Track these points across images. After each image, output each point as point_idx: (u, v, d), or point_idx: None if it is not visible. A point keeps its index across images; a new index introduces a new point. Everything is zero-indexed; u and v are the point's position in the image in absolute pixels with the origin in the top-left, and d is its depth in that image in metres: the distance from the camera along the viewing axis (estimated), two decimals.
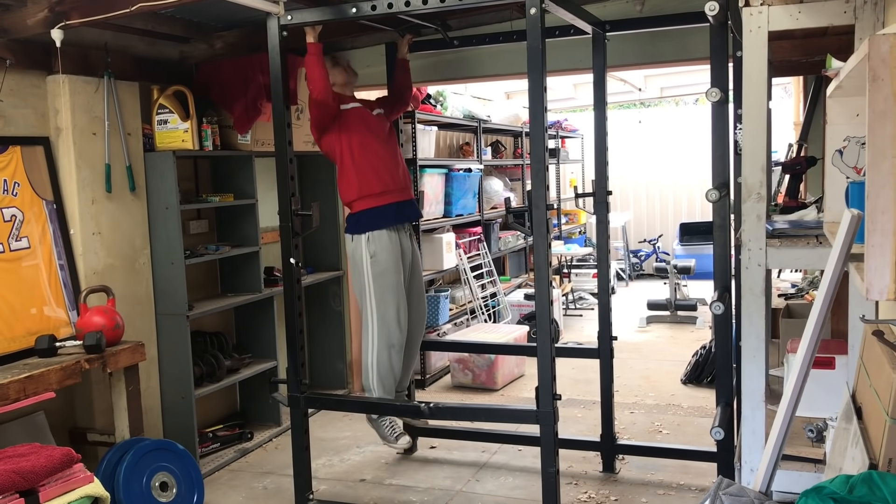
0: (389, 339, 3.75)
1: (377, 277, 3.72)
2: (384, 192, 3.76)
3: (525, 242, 7.97)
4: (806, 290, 5.04)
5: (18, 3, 3.31)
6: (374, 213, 3.75)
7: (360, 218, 3.76)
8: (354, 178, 3.73)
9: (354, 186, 3.74)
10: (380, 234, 3.73)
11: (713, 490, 1.82)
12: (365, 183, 3.73)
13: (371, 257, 3.71)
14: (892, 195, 1.32)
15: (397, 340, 3.77)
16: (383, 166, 3.77)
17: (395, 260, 3.75)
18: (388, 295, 3.73)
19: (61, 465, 2.83)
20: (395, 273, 3.75)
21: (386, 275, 3.73)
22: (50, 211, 3.66)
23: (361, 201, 3.74)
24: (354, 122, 3.76)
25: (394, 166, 3.84)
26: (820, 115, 4.94)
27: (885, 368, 1.83)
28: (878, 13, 2.41)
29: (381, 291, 3.72)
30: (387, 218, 3.76)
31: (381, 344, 3.75)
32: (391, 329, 3.75)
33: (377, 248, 3.71)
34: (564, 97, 8.63)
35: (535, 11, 2.87)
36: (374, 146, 3.77)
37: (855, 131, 2.58)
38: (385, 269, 3.73)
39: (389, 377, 3.80)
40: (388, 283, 3.73)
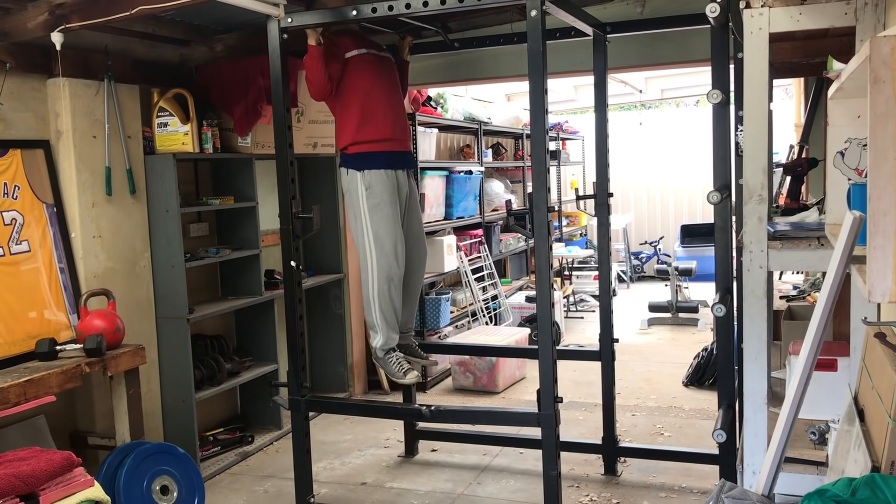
0: (389, 272, 3.65)
1: (373, 209, 3.63)
2: (381, 139, 3.67)
3: (526, 244, 7.96)
4: (808, 292, 5.03)
5: (19, 7, 3.31)
6: (369, 155, 3.66)
7: (355, 157, 3.67)
8: (353, 125, 3.63)
9: (351, 131, 3.65)
10: (376, 173, 3.64)
11: (715, 493, 1.81)
12: (363, 129, 3.63)
13: (367, 189, 3.62)
14: (894, 197, 1.32)
15: (396, 274, 3.68)
16: (383, 115, 3.67)
17: (390, 193, 3.67)
18: (385, 228, 3.64)
19: (62, 469, 2.83)
20: (392, 205, 3.66)
21: (382, 206, 3.64)
22: (50, 214, 3.66)
23: (357, 146, 3.66)
24: (359, 69, 3.64)
25: (395, 116, 3.74)
26: (821, 116, 4.94)
27: (888, 370, 1.83)
28: (878, 15, 2.40)
29: (377, 224, 3.63)
30: (383, 161, 3.67)
31: (380, 276, 3.66)
32: (390, 262, 3.65)
33: (372, 180, 3.63)
34: (565, 99, 8.63)
35: (536, 13, 2.86)
36: (378, 92, 3.66)
37: (856, 133, 2.57)
38: (381, 201, 3.63)
39: (391, 310, 3.71)
40: (385, 215, 3.64)
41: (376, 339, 3.74)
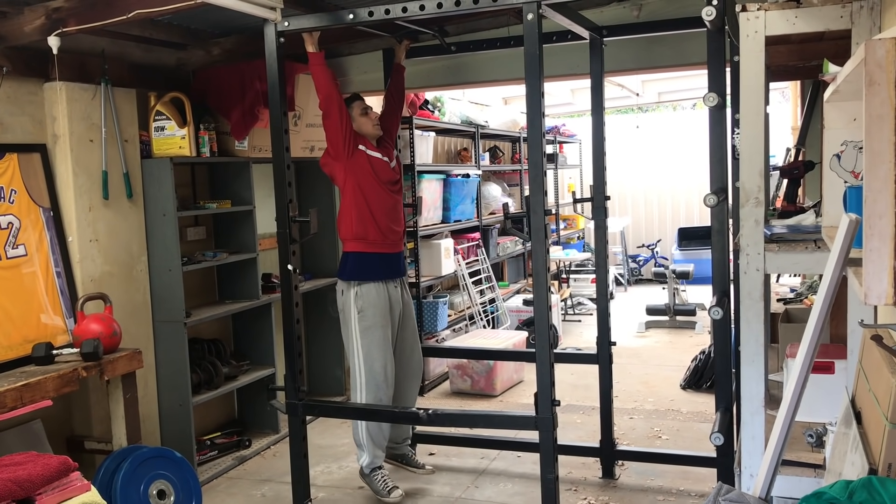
0: (377, 393, 3.77)
1: (364, 332, 3.76)
2: (377, 242, 3.79)
3: (523, 248, 7.96)
4: (805, 295, 5.02)
5: (15, 11, 3.31)
6: (363, 259, 3.78)
7: (350, 262, 3.80)
8: (354, 219, 3.75)
9: (352, 226, 3.76)
10: (368, 289, 3.76)
11: (712, 496, 1.81)
12: (361, 227, 3.75)
13: (359, 312, 3.76)
14: (890, 199, 1.32)
15: (384, 395, 3.79)
16: (384, 219, 3.80)
17: (382, 315, 3.79)
18: (375, 350, 3.76)
19: (58, 474, 2.82)
20: (383, 328, 3.79)
21: (373, 330, 3.76)
22: (47, 218, 3.65)
23: (354, 242, 3.78)
24: (367, 167, 3.76)
25: (394, 221, 3.87)
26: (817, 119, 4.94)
27: (885, 373, 1.83)
28: (874, 18, 2.41)
29: (367, 347, 3.76)
30: (375, 271, 3.79)
31: (368, 398, 3.78)
32: (378, 383, 3.77)
33: (364, 303, 3.75)
34: (562, 102, 8.65)
35: (532, 17, 2.87)
36: (381, 197, 3.79)
37: (852, 135, 2.57)
38: (372, 324, 3.76)
39: (378, 432, 3.84)
40: (375, 338, 3.76)
41: (362, 457, 3.86)
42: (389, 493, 3.81)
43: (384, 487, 3.82)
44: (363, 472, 3.88)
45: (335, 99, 3.61)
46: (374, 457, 3.84)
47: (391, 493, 3.81)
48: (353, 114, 3.81)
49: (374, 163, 3.79)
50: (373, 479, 3.85)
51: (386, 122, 3.99)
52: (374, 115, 3.90)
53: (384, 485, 3.83)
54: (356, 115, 3.82)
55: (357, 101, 3.86)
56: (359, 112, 3.84)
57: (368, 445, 3.83)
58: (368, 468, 3.85)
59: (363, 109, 3.86)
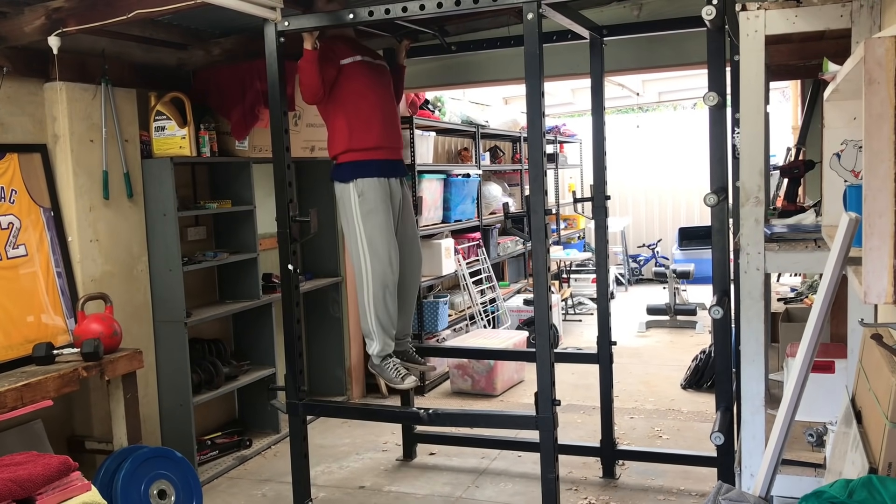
0: (384, 278, 3.65)
1: (366, 216, 3.62)
2: (375, 147, 3.66)
3: (524, 248, 7.97)
4: (805, 294, 5.02)
5: (15, 11, 3.31)
6: (361, 163, 3.65)
7: (347, 167, 3.67)
8: (345, 132, 3.63)
9: (344, 139, 3.64)
10: (368, 181, 3.64)
11: (713, 495, 1.81)
12: (356, 137, 3.62)
13: (359, 196, 3.62)
14: (890, 198, 1.32)
15: (391, 280, 3.68)
16: (377, 123, 3.67)
17: (383, 199, 3.67)
18: (378, 234, 3.64)
19: (58, 474, 2.82)
20: (385, 212, 3.66)
21: (375, 213, 3.63)
22: (47, 218, 3.65)
23: (349, 154, 3.65)
24: (353, 77, 3.64)
25: (388, 123, 3.74)
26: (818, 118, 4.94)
27: (885, 372, 1.83)
28: (874, 17, 2.41)
29: (370, 231, 3.63)
30: (374, 169, 3.66)
31: (375, 283, 3.65)
32: (384, 268, 3.65)
33: (365, 187, 3.62)
34: (563, 102, 8.65)
35: (533, 16, 2.87)
36: (370, 100, 3.66)
37: (852, 135, 2.57)
38: (374, 207, 3.63)
39: (387, 317, 3.71)
40: (378, 221, 3.64)
41: (372, 346, 3.75)
42: (403, 380, 3.71)
43: (397, 375, 3.72)
44: (373, 361, 3.78)
45: (320, 96, 3.55)
46: (384, 344, 3.73)
47: (405, 379, 3.71)
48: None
49: (360, 67, 3.66)
50: (384, 367, 3.74)
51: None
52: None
53: (396, 372, 3.73)
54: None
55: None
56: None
57: (378, 332, 3.70)
58: (379, 356, 3.74)
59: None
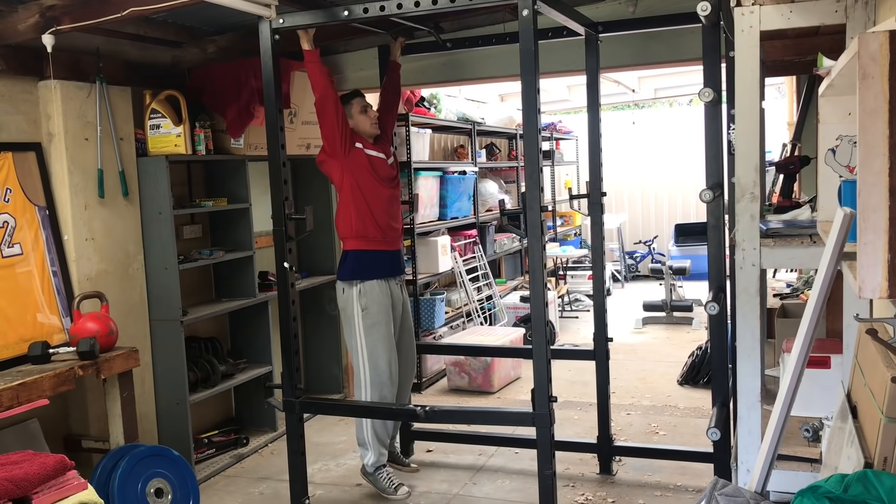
0: (381, 391, 3.76)
1: (368, 330, 3.74)
2: (377, 239, 3.78)
3: (520, 245, 7.97)
4: (801, 290, 5.03)
5: (9, 9, 3.30)
6: (364, 257, 3.76)
7: (351, 262, 3.77)
8: (353, 217, 3.73)
9: (351, 225, 3.74)
10: (371, 286, 3.74)
11: (709, 490, 1.81)
12: (361, 225, 3.73)
13: (363, 310, 3.73)
14: (884, 193, 1.32)
15: (389, 392, 3.79)
16: (383, 216, 3.78)
17: (385, 311, 3.77)
18: (380, 348, 3.75)
19: (55, 473, 2.81)
20: (386, 325, 3.77)
21: (377, 327, 3.74)
22: (42, 217, 3.64)
23: (354, 240, 3.76)
24: (365, 164, 3.74)
25: (393, 218, 3.85)
26: (813, 114, 4.95)
27: (880, 367, 1.83)
28: (868, 12, 2.41)
29: (372, 344, 3.74)
30: (377, 269, 3.78)
31: (373, 395, 3.76)
32: (383, 381, 3.76)
33: (368, 300, 3.73)
34: (558, 99, 8.64)
35: (528, 13, 2.86)
36: (377, 194, 3.77)
37: (847, 130, 2.58)
38: (376, 321, 3.74)
39: (383, 429, 3.84)
40: (380, 334, 3.75)
41: (367, 456, 3.85)
42: (396, 491, 3.81)
43: (390, 485, 3.82)
44: (366, 471, 3.88)
45: (331, 97, 3.59)
46: (379, 455, 3.84)
47: (398, 490, 3.81)
48: (351, 111, 3.78)
49: (372, 160, 3.77)
50: (378, 477, 3.84)
51: (382, 120, 3.96)
52: (374, 115, 3.87)
53: (389, 483, 3.83)
54: (355, 112, 3.79)
55: (357, 98, 3.83)
56: (358, 109, 3.81)
57: (374, 444, 3.82)
58: (373, 467, 3.85)
59: (363, 107, 3.83)
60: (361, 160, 3.73)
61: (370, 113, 3.85)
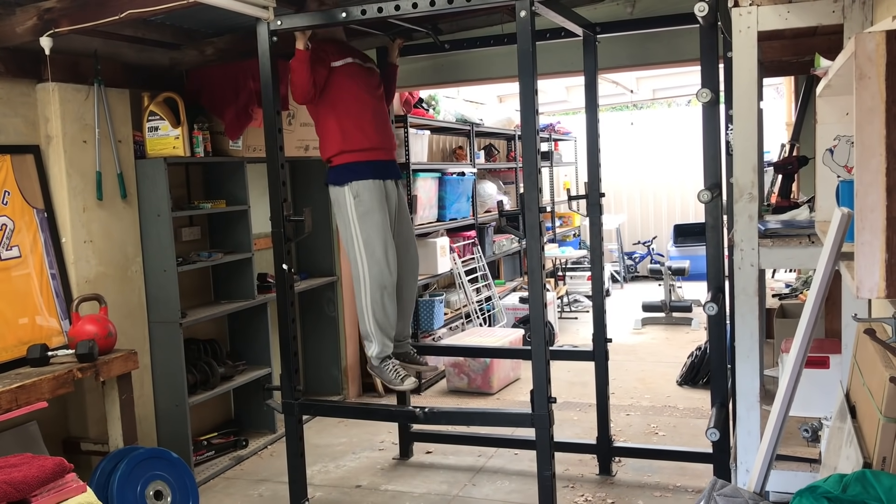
0: (381, 279, 3.63)
1: (362, 217, 3.61)
2: (369, 148, 3.65)
3: (519, 246, 7.97)
4: (800, 290, 5.04)
5: (7, 11, 3.30)
6: (356, 165, 3.64)
7: (341, 170, 3.65)
8: (337, 134, 3.62)
9: (337, 141, 3.63)
10: (363, 183, 3.62)
11: (707, 491, 1.81)
12: (348, 139, 3.61)
13: (355, 198, 3.61)
14: (881, 193, 1.32)
15: (389, 282, 3.66)
16: (369, 124, 3.66)
17: (379, 200, 3.65)
18: (375, 235, 3.62)
19: (53, 475, 2.81)
20: (381, 213, 3.64)
21: (371, 214, 3.62)
22: (41, 219, 3.64)
23: (343, 156, 3.64)
24: (345, 79, 3.63)
25: (380, 124, 3.73)
26: (811, 114, 4.95)
27: (878, 367, 1.83)
28: (866, 12, 2.41)
29: (367, 232, 3.61)
30: (370, 171, 3.65)
31: (373, 285, 3.64)
32: (381, 269, 3.63)
33: (360, 190, 3.61)
34: (557, 100, 8.64)
35: (525, 14, 2.87)
36: (363, 102, 3.65)
37: (845, 130, 2.58)
38: (369, 208, 3.62)
39: (385, 319, 3.69)
40: (374, 222, 3.62)
41: (371, 348, 3.73)
42: (402, 381, 3.69)
43: (396, 376, 3.70)
44: (372, 363, 3.77)
45: (311, 96, 3.54)
46: (382, 346, 3.71)
47: (404, 381, 3.69)
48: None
49: (350, 70, 3.66)
50: (384, 368, 3.72)
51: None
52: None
53: (396, 374, 3.71)
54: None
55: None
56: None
57: (377, 334, 3.69)
58: (378, 358, 3.71)
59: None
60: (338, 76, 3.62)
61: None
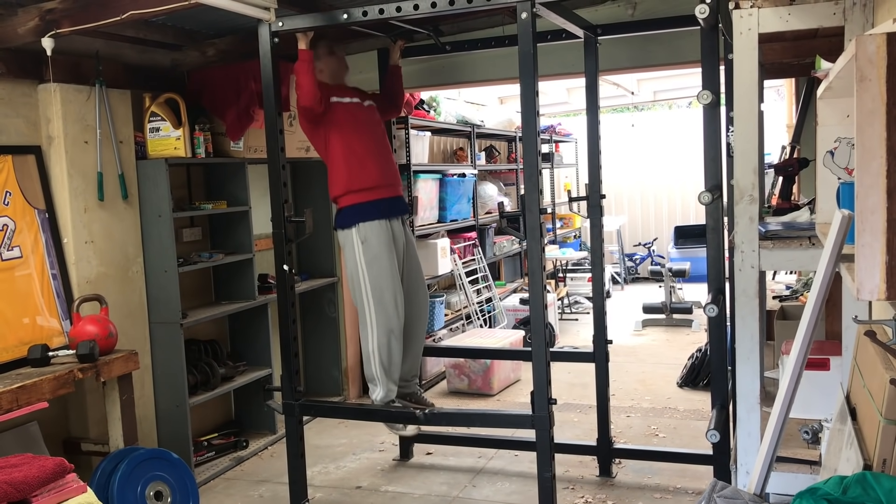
0: (388, 324, 3.65)
1: (370, 263, 3.63)
2: (373, 187, 3.68)
3: (520, 247, 7.97)
4: (801, 292, 5.03)
5: (8, 12, 3.30)
6: (362, 207, 3.66)
7: (349, 212, 3.67)
8: (343, 173, 3.64)
9: (342, 181, 3.65)
10: (370, 225, 3.64)
11: (707, 493, 1.81)
12: (353, 178, 3.64)
13: (362, 243, 3.62)
14: (882, 195, 1.32)
15: (396, 326, 3.67)
16: (372, 161, 3.68)
17: (387, 244, 3.66)
18: (383, 280, 3.63)
19: (54, 476, 2.81)
20: (388, 257, 3.66)
21: (379, 259, 3.63)
22: (42, 220, 3.65)
23: (349, 196, 3.66)
24: (345, 116, 3.67)
25: (384, 161, 3.76)
26: (812, 116, 4.95)
27: (879, 369, 1.83)
28: (867, 14, 2.41)
29: (375, 277, 3.63)
30: (377, 211, 3.67)
31: (380, 331, 3.65)
32: (389, 314, 3.65)
33: (368, 233, 3.63)
34: (558, 101, 8.65)
35: (527, 16, 2.87)
36: (364, 140, 3.68)
37: (846, 132, 2.58)
38: (377, 253, 3.63)
39: (391, 364, 3.71)
40: (382, 267, 3.64)
41: (376, 392, 3.74)
42: (405, 427, 3.71)
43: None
44: (374, 405, 3.76)
45: (316, 98, 3.54)
46: (387, 390, 3.71)
47: (406, 426, 3.70)
48: (318, 53, 3.66)
49: (351, 108, 3.69)
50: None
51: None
52: (342, 54, 3.76)
53: None
54: (322, 55, 3.67)
55: (322, 42, 3.69)
56: (325, 51, 3.69)
57: (382, 378, 3.69)
58: (382, 402, 3.72)
59: (329, 49, 3.70)
60: (340, 112, 3.65)
61: (338, 53, 3.74)
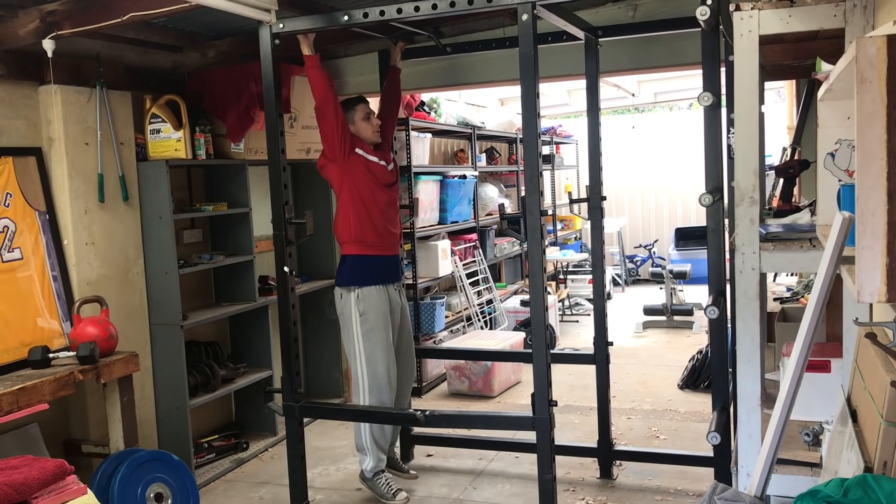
0: (380, 397, 3.76)
1: (367, 335, 3.73)
2: (376, 245, 3.77)
3: (521, 249, 7.97)
4: (801, 294, 5.03)
5: (10, 14, 3.31)
6: (362, 263, 3.75)
7: (349, 268, 3.77)
8: (352, 222, 3.73)
9: (350, 230, 3.74)
10: (369, 292, 3.74)
11: (708, 495, 1.81)
12: (360, 230, 3.73)
13: (361, 315, 3.73)
14: (882, 197, 1.32)
15: (388, 398, 3.78)
16: (381, 221, 3.78)
17: (383, 317, 3.77)
18: (378, 352, 3.74)
19: (54, 478, 2.81)
20: (384, 330, 3.77)
21: (375, 332, 3.74)
22: (43, 222, 3.65)
23: (353, 245, 3.75)
24: (365, 171, 3.73)
25: (391, 223, 3.85)
26: (813, 118, 4.95)
27: (879, 371, 1.83)
28: (867, 17, 2.41)
29: (370, 350, 3.74)
30: (375, 274, 3.77)
31: (372, 402, 3.75)
32: (381, 388, 3.76)
33: (366, 306, 3.73)
34: (559, 103, 8.65)
35: (527, 18, 2.87)
36: (377, 199, 3.76)
37: (846, 134, 2.58)
38: (374, 327, 3.74)
39: (381, 435, 3.83)
40: (378, 340, 3.74)
41: (366, 462, 3.84)
42: (394, 496, 3.81)
43: (388, 491, 3.82)
44: (365, 476, 3.87)
45: (331, 102, 3.59)
46: (377, 461, 3.83)
47: (396, 495, 3.81)
48: (353, 117, 3.77)
49: (372, 166, 3.76)
50: (376, 482, 3.84)
51: (382, 126, 3.95)
52: (376, 122, 3.86)
53: (388, 488, 3.82)
54: (357, 118, 3.79)
55: (360, 105, 3.82)
56: (361, 116, 3.80)
57: (372, 449, 3.82)
58: (371, 472, 3.84)
59: (366, 114, 3.82)
60: (361, 166, 3.73)
61: (373, 120, 3.84)
